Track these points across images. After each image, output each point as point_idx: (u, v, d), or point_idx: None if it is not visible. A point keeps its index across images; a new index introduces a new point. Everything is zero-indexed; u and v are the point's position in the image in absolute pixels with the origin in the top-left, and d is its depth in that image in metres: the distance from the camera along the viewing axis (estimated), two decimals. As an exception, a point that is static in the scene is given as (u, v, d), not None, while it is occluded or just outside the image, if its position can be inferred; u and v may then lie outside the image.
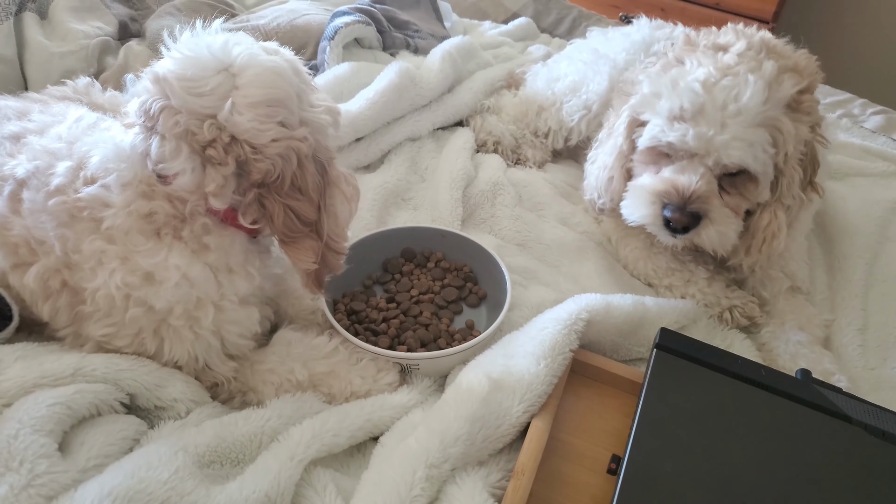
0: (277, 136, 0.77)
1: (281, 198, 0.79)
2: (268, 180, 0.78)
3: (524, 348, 0.92)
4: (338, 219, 0.86)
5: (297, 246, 0.83)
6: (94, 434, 0.75)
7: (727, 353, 0.91)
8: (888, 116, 1.82)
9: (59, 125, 0.89)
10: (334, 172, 0.86)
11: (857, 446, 0.79)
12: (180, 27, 0.80)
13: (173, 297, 0.79)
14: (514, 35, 2.09)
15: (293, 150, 0.78)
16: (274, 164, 0.77)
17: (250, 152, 0.76)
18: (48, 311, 0.83)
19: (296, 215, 0.81)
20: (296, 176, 0.79)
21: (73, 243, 0.78)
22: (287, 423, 0.83)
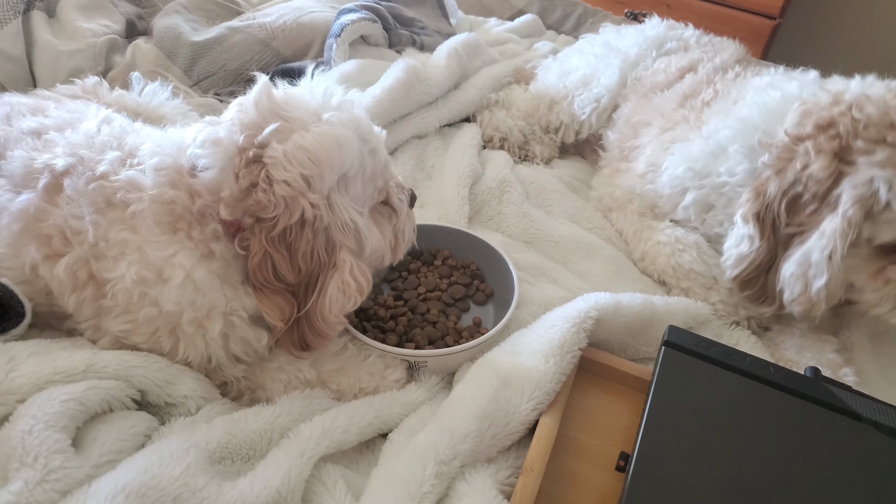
0: (292, 182, 0.78)
1: (265, 241, 0.79)
2: (261, 215, 0.78)
3: (532, 346, 0.92)
4: (328, 303, 0.83)
5: (265, 297, 0.82)
6: (107, 430, 0.75)
7: (735, 351, 0.91)
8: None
9: (84, 122, 0.91)
10: (344, 258, 0.83)
11: (866, 444, 0.79)
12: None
13: (179, 298, 0.80)
14: (519, 32, 2.09)
15: (300, 206, 0.78)
16: (275, 204, 0.78)
17: (262, 178, 0.78)
18: (73, 303, 0.83)
19: (273, 266, 0.80)
20: (291, 231, 0.79)
21: (104, 231, 0.80)
22: (296, 420, 0.84)
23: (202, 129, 0.82)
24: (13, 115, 0.94)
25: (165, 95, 1.22)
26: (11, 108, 0.96)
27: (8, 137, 0.89)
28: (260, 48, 1.66)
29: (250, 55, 1.64)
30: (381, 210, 0.95)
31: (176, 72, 1.60)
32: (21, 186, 0.84)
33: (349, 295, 0.84)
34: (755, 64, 1.40)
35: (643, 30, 1.55)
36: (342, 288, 0.83)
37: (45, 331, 0.89)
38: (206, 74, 1.61)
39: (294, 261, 0.80)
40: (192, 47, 1.62)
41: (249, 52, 1.65)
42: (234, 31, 1.68)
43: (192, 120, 1.21)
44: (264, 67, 1.64)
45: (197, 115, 1.28)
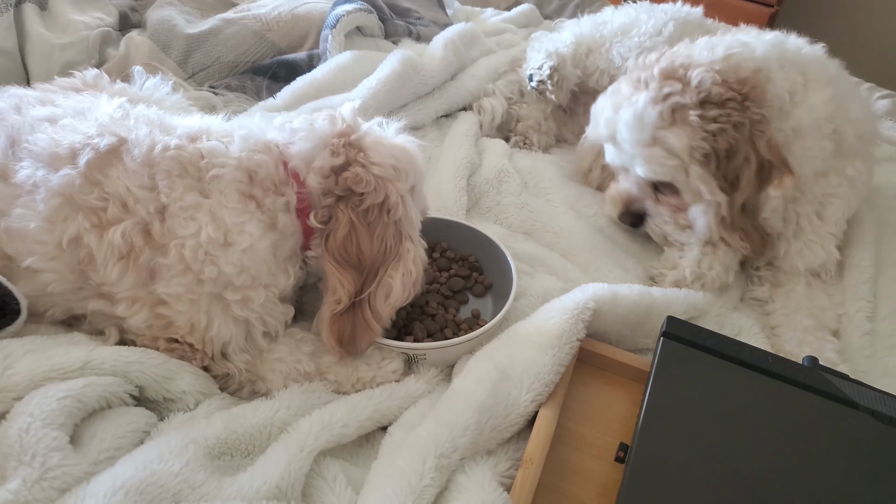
0: (385, 167, 0.88)
1: (353, 215, 0.87)
2: (354, 189, 0.86)
3: (531, 337, 0.92)
4: (389, 293, 0.89)
5: (342, 269, 0.88)
6: (105, 427, 0.75)
7: (734, 341, 0.91)
8: (895, 101, 1.80)
9: (102, 108, 0.93)
10: (408, 247, 0.91)
11: (864, 432, 0.79)
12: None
13: (238, 262, 0.84)
14: (516, 22, 2.08)
15: (386, 189, 0.88)
16: (367, 182, 0.86)
17: (361, 156, 0.87)
18: (118, 271, 0.83)
19: (356, 241, 0.87)
20: (374, 210, 0.88)
21: (178, 193, 0.83)
22: (296, 415, 0.84)
23: (293, 117, 0.95)
24: (22, 105, 0.94)
25: (166, 90, 1.21)
26: (20, 99, 0.96)
27: (22, 125, 0.89)
28: (255, 40, 1.65)
29: (245, 47, 1.63)
30: None
31: (170, 64, 1.58)
32: (52, 165, 0.84)
33: (408, 285, 0.91)
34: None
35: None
36: (404, 277, 0.90)
37: (41, 326, 0.89)
38: (200, 67, 1.59)
39: (371, 239, 0.88)
40: (187, 40, 1.61)
41: (244, 45, 1.63)
42: (228, 22, 1.66)
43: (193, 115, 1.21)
44: (259, 59, 1.63)
45: (197, 110, 1.27)
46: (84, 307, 0.88)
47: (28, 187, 0.84)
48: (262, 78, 1.60)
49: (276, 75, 1.60)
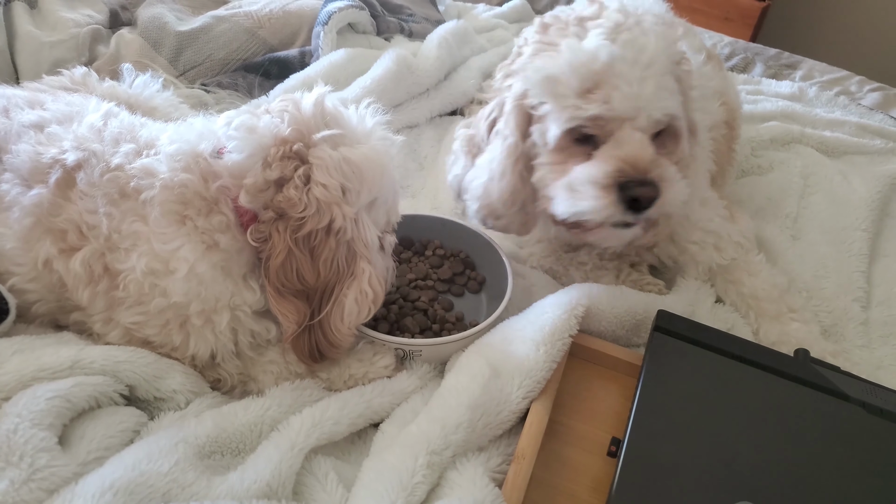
0: (330, 189, 0.79)
1: (290, 240, 0.79)
2: (290, 213, 0.78)
3: (523, 333, 0.92)
4: (343, 312, 0.84)
5: (283, 299, 0.82)
6: (94, 427, 0.75)
7: (725, 334, 0.91)
8: (885, 93, 1.81)
9: (87, 115, 0.91)
10: (363, 268, 0.84)
11: (855, 424, 0.79)
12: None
13: (184, 290, 0.80)
14: (508, 17, 2.07)
15: (331, 213, 0.79)
16: (306, 205, 0.78)
17: (298, 176, 0.78)
18: (87, 296, 0.83)
19: (295, 268, 0.80)
20: (316, 235, 0.80)
21: (117, 222, 0.80)
22: (287, 412, 0.83)
23: (237, 115, 0.84)
24: (10, 107, 0.93)
25: (156, 87, 1.21)
26: (8, 100, 0.95)
27: (9, 131, 0.89)
28: (246, 37, 1.64)
29: (236, 44, 1.63)
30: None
31: (161, 62, 1.58)
32: (30, 181, 0.84)
33: (364, 305, 0.85)
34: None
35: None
36: (359, 298, 0.84)
37: (30, 326, 0.89)
38: (191, 64, 1.59)
39: (315, 265, 0.81)
40: (178, 37, 1.60)
41: (235, 42, 1.63)
42: (219, 20, 1.66)
43: (184, 112, 1.20)
44: (251, 57, 1.63)
45: (188, 108, 1.27)
46: (67, 319, 0.89)
47: (6, 204, 0.84)
48: (253, 75, 1.59)
49: (267, 73, 1.60)
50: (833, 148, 1.50)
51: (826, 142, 1.51)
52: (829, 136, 1.52)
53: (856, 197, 1.32)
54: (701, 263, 1.12)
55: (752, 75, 1.93)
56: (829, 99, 1.76)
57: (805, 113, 1.62)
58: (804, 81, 1.87)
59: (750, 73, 1.95)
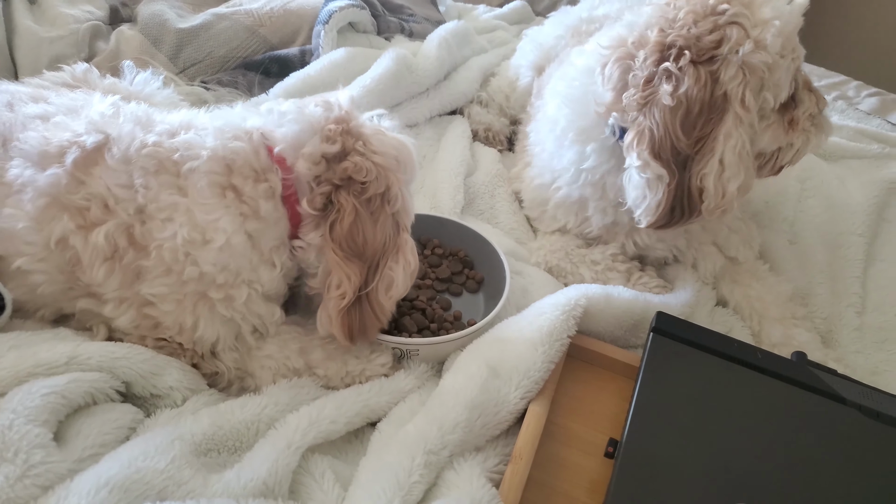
0: (388, 156, 0.87)
1: (357, 203, 0.84)
2: (355, 177, 0.84)
3: (522, 333, 0.92)
4: (390, 285, 0.88)
5: (347, 261, 0.85)
6: (90, 423, 0.75)
7: (723, 336, 0.91)
8: (883, 98, 1.81)
9: (94, 106, 0.92)
10: (405, 238, 0.90)
11: (851, 427, 0.79)
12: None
13: (216, 260, 0.82)
14: (508, 18, 2.07)
15: (388, 179, 0.86)
16: (368, 171, 0.84)
17: (360, 145, 0.85)
18: (104, 272, 0.83)
19: (361, 229, 0.85)
20: (377, 199, 0.85)
21: (154, 193, 0.82)
22: (284, 410, 0.83)
23: (278, 103, 0.91)
24: (14, 102, 0.93)
25: (157, 84, 1.20)
26: (12, 95, 0.95)
27: (14, 122, 0.89)
28: (246, 35, 1.64)
29: (237, 42, 1.62)
30: None
31: (161, 59, 1.58)
32: (42, 164, 0.84)
33: (408, 275, 0.90)
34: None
35: (562, 19, 1.53)
36: (405, 268, 0.89)
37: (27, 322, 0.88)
38: (192, 62, 1.58)
39: (374, 229, 0.86)
40: (178, 34, 1.60)
41: (236, 40, 1.62)
42: (220, 17, 1.65)
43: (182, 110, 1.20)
44: (251, 55, 1.62)
45: (188, 105, 1.27)
46: (73, 306, 0.88)
47: (17, 186, 0.83)
48: (253, 73, 1.59)
49: (267, 71, 1.60)
50: (830, 152, 1.51)
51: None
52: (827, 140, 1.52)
53: (853, 202, 1.32)
54: (714, 267, 1.15)
55: (752, 79, 1.94)
56: (827, 103, 1.76)
57: (803, 117, 1.62)
58: (802, 86, 1.87)
59: (749, 77, 1.95)
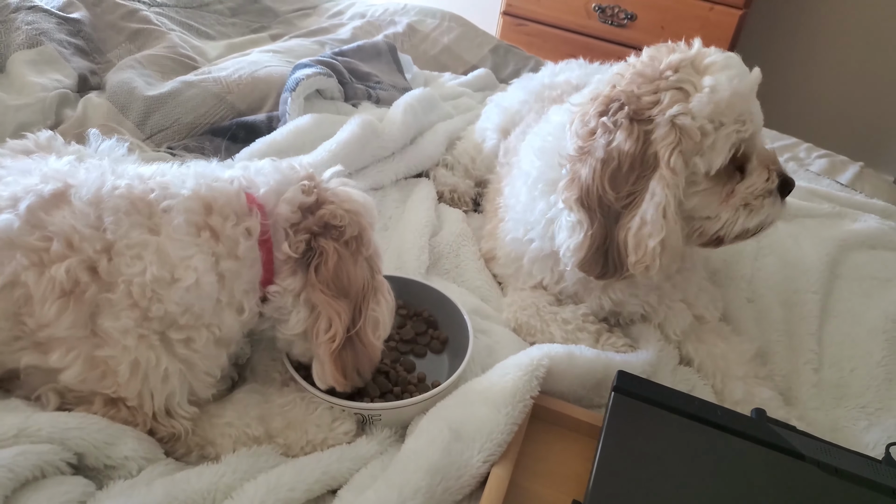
0: (356, 203, 0.94)
1: (338, 245, 0.89)
2: (332, 223, 0.89)
3: (485, 395, 0.92)
4: (377, 324, 0.94)
5: (335, 299, 0.89)
6: (37, 498, 0.72)
7: (684, 395, 0.92)
8: (831, 160, 1.89)
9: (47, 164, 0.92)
10: (380, 280, 0.96)
11: (810, 483, 0.80)
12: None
13: (183, 301, 0.82)
14: (473, 86, 2.13)
15: (360, 223, 0.92)
16: (342, 217, 0.90)
17: (332, 195, 0.92)
18: (56, 309, 0.80)
19: (345, 269, 0.90)
20: (353, 242, 0.91)
21: (125, 230, 0.82)
22: (242, 479, 0.81)
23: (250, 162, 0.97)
24: None
25: (122, 151, 1.21)
26: None
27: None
28: (214, 102, 1.67)
29: (204, 109, 1.65)
30: None
31: (128, 126, 1.59)
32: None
33: (389, 314, 0.95)
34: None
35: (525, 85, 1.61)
36: (385, 308, 0.94)
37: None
38: (159, 128, 1.60)
39: (355, 270, 0.91)
40: (146, 101, 1.62)
41: (204, 106, 1.65)
42: (188, 85, 1.68)
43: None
44: (218, 121, 1.64)
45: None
46: (17, 361, 0.85)
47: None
48: (220, 139, 1.61)
49: (235, 136, 1.61)
50: (785, 211, 1.55)
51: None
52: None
53: (807, 259, 1.36)
54: (689, 316, 1.17)
55: (708, 142, 2.01)
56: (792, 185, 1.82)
57: (757, 178, 1.68)
58: (756, 148, 1.94)
59: (706, 140, 2.02)
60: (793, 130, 2.10)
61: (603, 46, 2.71)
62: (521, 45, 2.50)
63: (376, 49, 2.06)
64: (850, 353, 1.18)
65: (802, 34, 2.87)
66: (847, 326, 1.23)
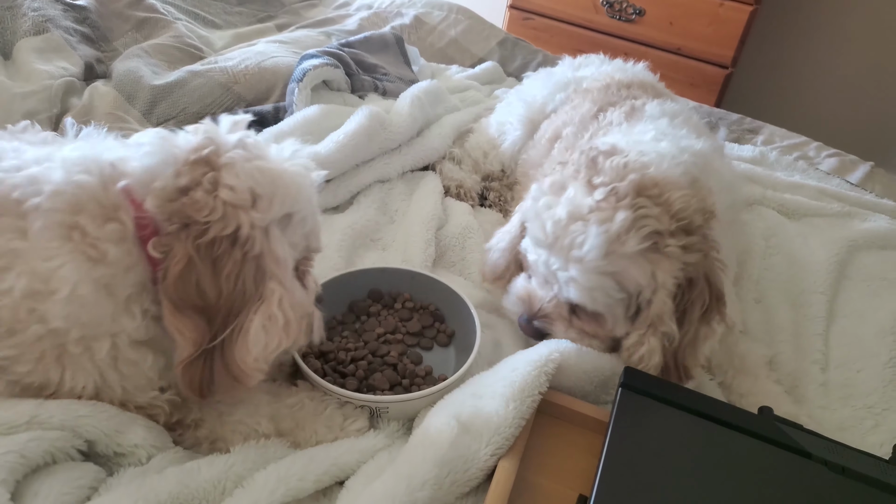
0: (238, 191, 0.74)
1: (191, 247, 0.72)
2: (194, 216, 0.73)
3: (493, 389, 0.92)
4: (247, 342, 0.76)
5: (180, 315, 0.74)
6: (50, 483, 0.72)
7: (691, 392, 0.92)
8: (841, 159, 1.88)
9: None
10: (272, 288, 0.77)
11: (817, 482, 0.80)
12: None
13: (64, 313, 0.73)
14: (480, 79, 2.13)
15: (238, 219, 0.74)
16: (212, 209, 0.73)
17: (208, 179, 0.74)
18: None
19: (194, 280, 0.73)
20: (220, 244, 0.73)
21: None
22: (251, 469, 0.81)
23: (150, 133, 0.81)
24: None
25: (101, 138, 1.17)
26: None
27: None
28: (221, 92, 1.67)
29: (211, 99, 1.65)
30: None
31: (135, 114, 1.59)
32: None
33: (274, 334, 0.77)
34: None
35: (552, 73, 1.60)
36: (267, 324, 0.77)
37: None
38: (165, 117, 1.60)
39: (217, 279, 0.73)
40: (153, 90, 1.62)
41: (210, 96, 1.65)
42: (195, 74, 1.68)
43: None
44: (225, 111, 1.64)
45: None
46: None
47: None
48: (227, 129, 1.61)
49: (241, 127, 1.61)
50: (793, 210, 1.55)
51: (787, 204, 1.56)
52: (790, 198, 1.58)
53: (815, 259, 1.36)
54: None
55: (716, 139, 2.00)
56: (789, 163, 1.82)
57: (766, 176, 1.68)
58: (765, 146, 1.94)
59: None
60: (802, 129, 2.09)
61: (610, 42, 2.70)
62: (527, 39, 2.50)
63: (383, 41, 2.06)
64: (857, 354, 1.18)
65: (814, 30, 2.87)
66: (854, 327, 1.23)
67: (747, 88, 2.94)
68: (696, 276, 0.98)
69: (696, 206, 0.98)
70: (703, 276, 0.98)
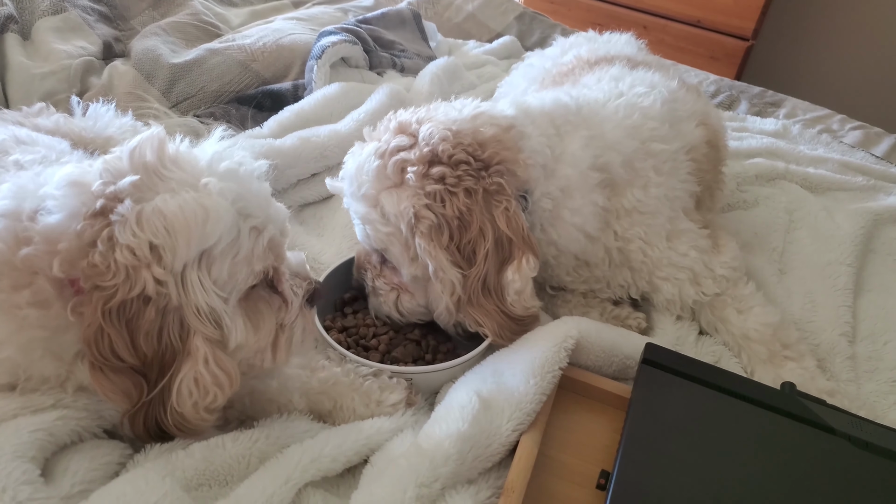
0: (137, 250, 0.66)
1: (100, 312, 0.66)
2: (98, 282, 0.66)
3: (514, 365, 0.92)
4: (180, 399, 0.71)
5: (103, 378, 0.69)
6: (78, 460, 0.74)
7: (712, 367, 0.92)
8: (866, 132, 1.85)
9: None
10: (198, 346, 0.71)
11: (840, 457, 0.80)
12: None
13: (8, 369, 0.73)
14: (498, 53, 2.11)
15: (142, 279, 0.66)
16: (114, 272, 0.66)
17: (102, 238, 0.66)
18: None
19: (108, 345, 0.67)
20: (131, 306, 0.67)
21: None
22: (275, 444, 0.82)
23: (73, 167, 0.73)
24: None
25: (110, 115, 1.17)
26: None
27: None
28: (239, 70, 1.66)
29: (229, 77, 1.65)
30: (268, 298, 0.83)
31: (154, 93, 1.59)
32: None
33: (206, 388, 0.72)
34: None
35: (533, 64, 1.56)
36: (196, 380, 0.72)
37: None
38: (184, 96, 1.60)
39: (135, 341, 0.68)
40: (171, 69, 1.62)
41: (229, 74, 1.65)
42: (213, 52, 1.68)
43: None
44: (244, 89, 1.64)
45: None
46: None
47: None
48: (246, 107, 1.61)
49: (260, 105, 1.62)
50: (817, 184, 1.53)
51: (810, 178, 1.54)
52: (813, 172, 1.55)
53: (840, 233, 1.34)
54: (674, 301, 1.13)
55: (738, 113, 1.97)
56: (812, 136, 1.79)
57: (789, 150, 1.65)
58: (788, 119, 1.91)
59: (735, 111, 1.99)
60: (826, 101, 2.06)
61: (629, 15, 2.66)
62: (545, 13, 2.46)
63: (400, 17, 2.04)
64: (883, 327, 1.17)
65: (837, 1, 2.80)
66: (881, 300, 1.22)
67: (769, 61, 2.89)
68: (468, 215, 0.94)
69: (453, 138, 0.95)
70: (483, 216, 0.94)
